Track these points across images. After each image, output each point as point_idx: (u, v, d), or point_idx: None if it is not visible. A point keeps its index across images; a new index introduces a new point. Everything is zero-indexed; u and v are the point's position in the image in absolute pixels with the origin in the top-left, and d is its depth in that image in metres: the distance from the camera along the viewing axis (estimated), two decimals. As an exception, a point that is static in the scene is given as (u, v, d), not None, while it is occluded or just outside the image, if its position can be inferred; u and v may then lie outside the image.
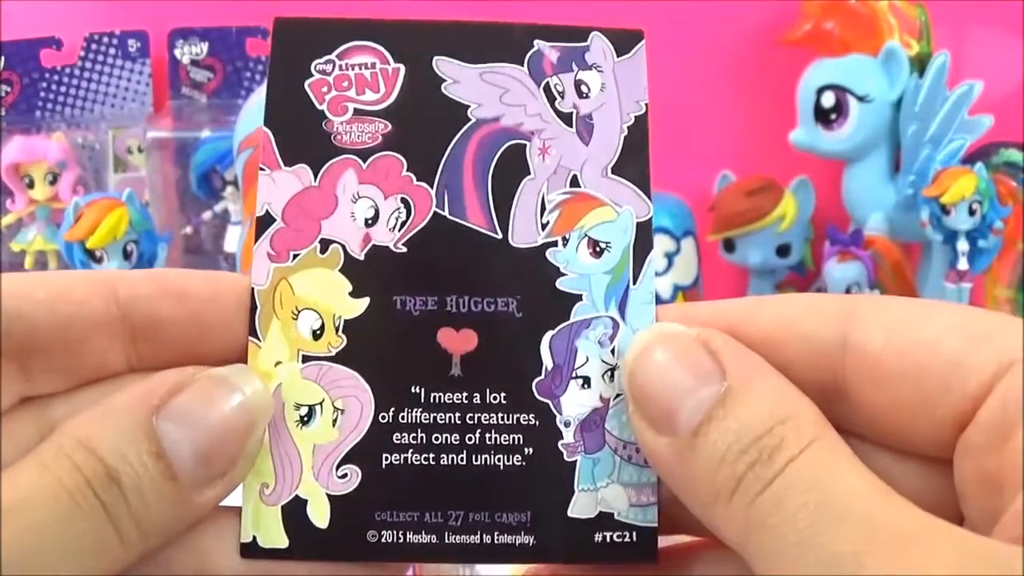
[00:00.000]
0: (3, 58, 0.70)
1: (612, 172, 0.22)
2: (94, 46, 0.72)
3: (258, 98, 0.59)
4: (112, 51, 0.72)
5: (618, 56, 0.22)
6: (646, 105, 0.22)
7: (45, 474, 0.17)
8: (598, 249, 0.21)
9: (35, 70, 0.71)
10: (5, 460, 0.18)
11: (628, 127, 0.22)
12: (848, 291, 0.61)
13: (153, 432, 0.18)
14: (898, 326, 0.19)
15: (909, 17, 0.62)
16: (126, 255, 0.57)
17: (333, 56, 0.22)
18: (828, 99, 0.62)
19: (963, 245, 0.58)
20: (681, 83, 0.67)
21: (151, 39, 0.72)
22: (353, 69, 0.22)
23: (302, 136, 0.21)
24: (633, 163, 0.22)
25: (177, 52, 0.71)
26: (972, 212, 0.57)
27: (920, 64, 0.60)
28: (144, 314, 0.20)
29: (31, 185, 0.66)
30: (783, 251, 0.65)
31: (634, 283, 0.21)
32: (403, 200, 0.21)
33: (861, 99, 0.61)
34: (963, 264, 0.58)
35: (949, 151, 0.57)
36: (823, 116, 0.62)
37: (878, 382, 0.19)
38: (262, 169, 0.21)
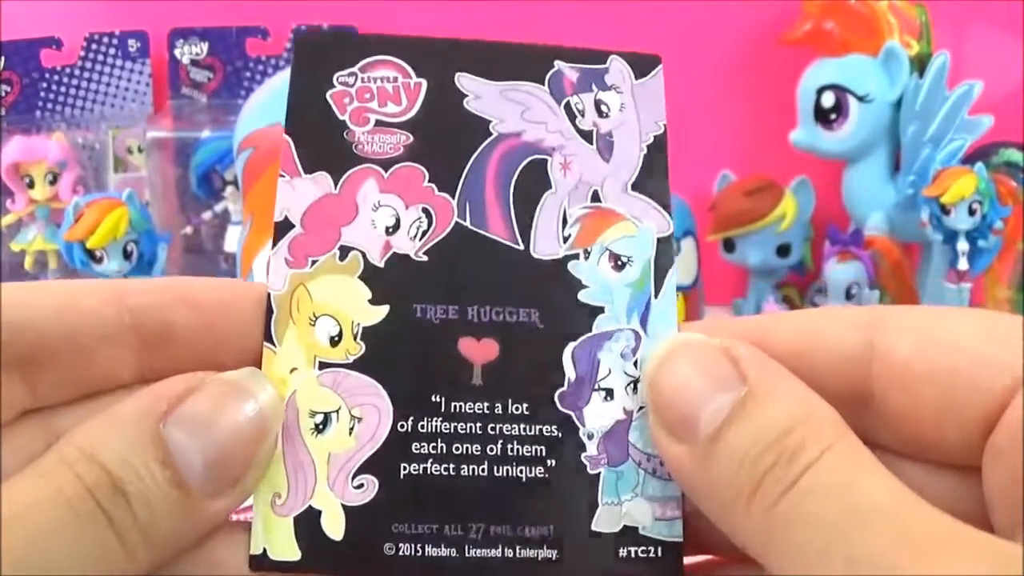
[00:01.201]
0: (3, 58, 0.70)
1: (632, 189, 0.22)
2: (94, 46, 0.72)
3: (258, 98, 0.59)
4: (112, 51, 0.72)
5: (636, 78, 0.23)
6: (664, 126, 0.22)
7: (44, 484, 0.17)
8: (619, 263, 0.21)
9: (35, 70, 0.71)
10: (7, 472, 0.17)
11: (647, 146, 0.22)
12: (848, 291, 0.61)
13: (160, 439, 0.17)
14: (926, 330, 0.19)
15: (909, 17, 0.62)
16: (126, 255, 0.57)
17: (355, 69, 0.22)
18: (828, 99, 0.62)
19: (963, 245, 0.58)
20: (681, 83, 0.67)
21: (151, 39, 0.72)
22: (375, 82, 0.22)
23: (323, 144, 0.22)
24: (652, 180, 0.22)
25: (177, 52, 0.71)
26: (972, 212, 0.57)
27: (920, 64, 0.60)
28: (156, 323, 0.19)
29: (31, 185, 0.66)
30: (783, 251, 0.65)
31: (655, 297, 0.21)
32: (424, 210, 0.21)
33: (861, 99, 0.61)
34: (963, 264, 0.58)
35: (949, 151, 0.57)
36: (823, 116, 0.62)
37: (905, 386, 0.18)
38: (282, 175, 0.21)
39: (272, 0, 0.70)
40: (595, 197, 0.22)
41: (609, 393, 0.21)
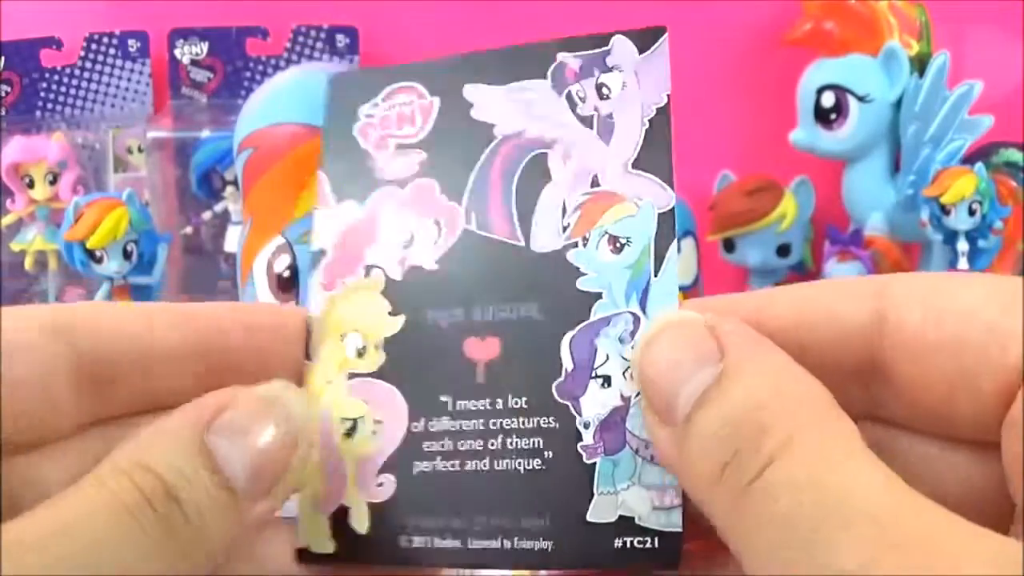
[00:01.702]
0: (3, 58, 0.70)
1: (633, 167, 0.22)
2: (94, 46, 0.72)
3: (258, 98, 0.59)
4: (112, 51, 0.72)
5: (640, 53, 0.23)
6: (668, 96, 0.22)
7: (103, 492, 0.17)
8: (618, 245, 0.21)
9: (35, 70, 0.71)
10: (71, 479, 0.18)
11: (650, 120, 0.22)
12: (848, 291, 0.61)
13: (207, 447, 0.18)
14: (934, 298, 0.18)
15: (909, 17, 0.62)
16: (126, 255, 0.57)
17: (378, 99, 0.24)
18: (828, 99, 0.62)
19: (963, 245, 0.58)
20: (681, 83, 0.67)
21: (151, 39, 0.72)
22: (395, 108, 0.23)
23: (350, 174, 0.23)
24: (655, 155, 0.21)
25: (177, 52, 0.71)
26: (972, 212, 0.57)
27: (920, 64, 0.60)
28: (218, 347, 0.21)
29: (31, 185, 0.66)
30: (783, 251, 0.65)
31: (655, 276, 0.21)
32: (436, 221, 0.22)
33: (861, 99, 0.61)
34: (963, 264, 0.58)
35: (949, 151, 0.57)
36: (823, 116, 0.62)
37: (917, 357, 0.18)
38: (317, 208, 0.24)
39: (272, 0, 0.70)
40: (594, 182, 0.22)
41: (607, 380, 0.21)
